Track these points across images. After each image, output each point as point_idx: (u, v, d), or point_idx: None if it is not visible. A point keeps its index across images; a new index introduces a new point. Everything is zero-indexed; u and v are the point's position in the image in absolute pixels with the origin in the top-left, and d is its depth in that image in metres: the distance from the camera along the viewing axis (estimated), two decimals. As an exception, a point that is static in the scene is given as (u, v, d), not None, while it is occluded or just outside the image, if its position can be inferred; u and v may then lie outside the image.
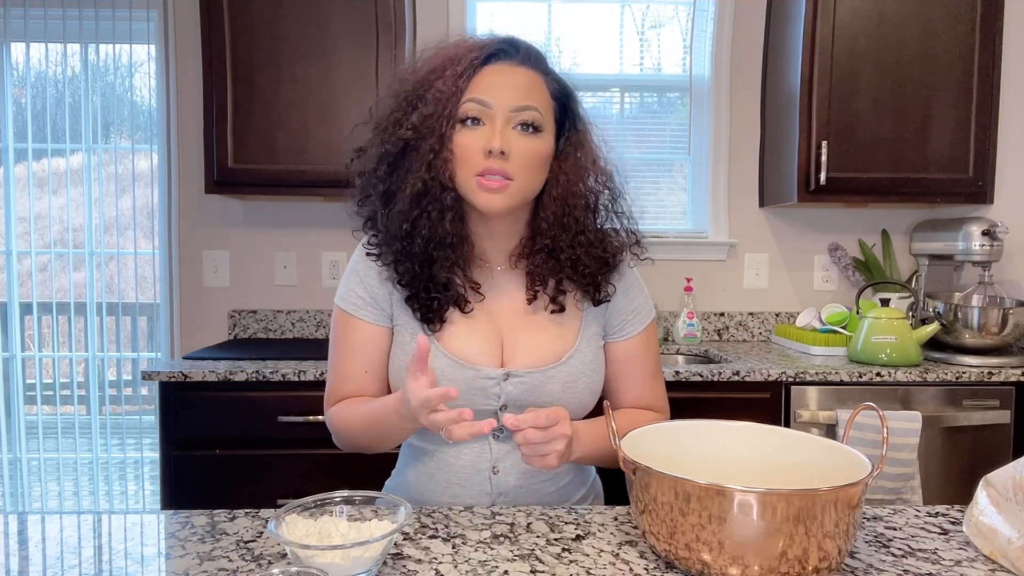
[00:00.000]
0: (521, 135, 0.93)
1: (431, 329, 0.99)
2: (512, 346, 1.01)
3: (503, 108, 0.93)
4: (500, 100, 0.93)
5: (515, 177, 0.93)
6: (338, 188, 2.11)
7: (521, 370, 0.99)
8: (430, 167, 0.93)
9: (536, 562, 0.74)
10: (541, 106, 0.95)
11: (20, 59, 2.47)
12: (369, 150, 1.00)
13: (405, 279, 0.98)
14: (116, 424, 2.52)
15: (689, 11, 2.50)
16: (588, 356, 1.03)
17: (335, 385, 1.05)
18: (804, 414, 1.86)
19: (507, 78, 0.94)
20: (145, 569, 0.73)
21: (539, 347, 1.01)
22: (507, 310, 1.03)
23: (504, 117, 0.93)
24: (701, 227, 2.54)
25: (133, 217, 2.49)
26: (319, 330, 2.45)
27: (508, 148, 0.92)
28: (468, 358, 0.98)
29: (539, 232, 0.99)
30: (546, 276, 1.01)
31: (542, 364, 0.99)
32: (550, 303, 1.01)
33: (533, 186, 0.97)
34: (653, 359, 1.09)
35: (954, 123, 2.15)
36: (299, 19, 2.08)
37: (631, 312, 1.06)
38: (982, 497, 0.78)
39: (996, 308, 1.97)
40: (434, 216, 0.94)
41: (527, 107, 0.93)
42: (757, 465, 0.85)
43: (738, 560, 0.66)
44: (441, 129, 0.93)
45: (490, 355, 1.00)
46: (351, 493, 0.77)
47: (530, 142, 0.94)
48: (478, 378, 0.98)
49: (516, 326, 1.02)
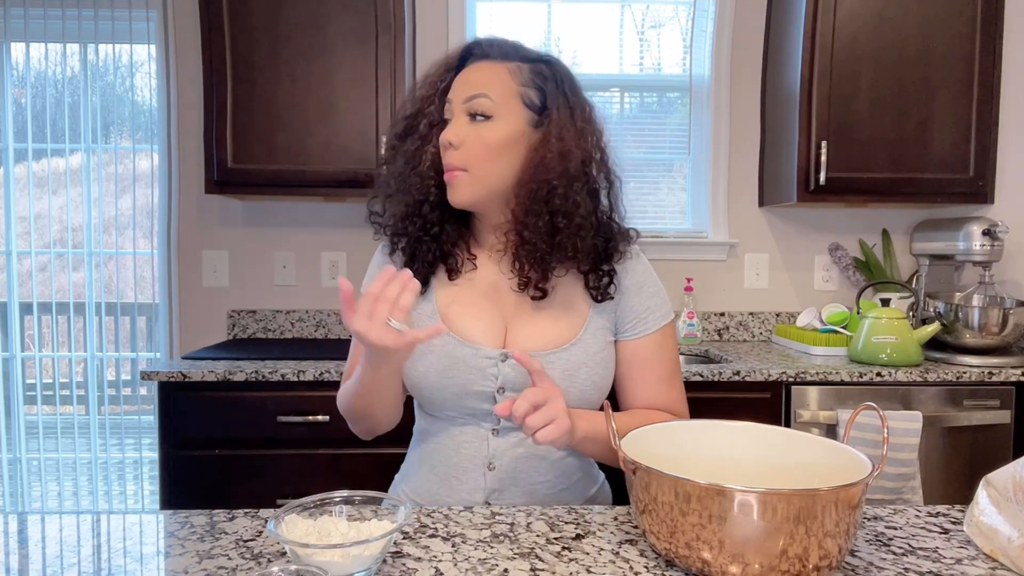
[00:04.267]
0: (471, 124, 0.96)
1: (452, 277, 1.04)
2: (515, 330, 1.02)
3: (457, 101, 0.97)
4: (456, 94, 0.98)
5: (468, 167, 0.96)
6: (338, 188, 2.13)
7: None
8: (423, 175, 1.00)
9: (536, 560, 0.74)
10: (494, 93, 0.96)
11: (20, 59, 2.47)
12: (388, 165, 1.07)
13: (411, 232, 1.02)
14: (115, 424, 2.52)
15: (689, 11, 2.50)
16: (592, 348, 1.01)
17: (349, 371, 1.08)
18: (804, 414, 1.85)
19: (468, 75, 0.99)
20: (144, 567, 0.73)
21: (542, 333, 1.01)
22: (512, 298, 1.03)
23: (459, 109, 0.97)
24: (701, 227, 2.54)
25: (133, 217, 2.49)
26: (318, 330, 2.45)
27: (458, 139, 0.95)
28: (469, 337, 1.00)
29: (514, 218, 0.98)
30: (523, 262, 0.99)
31: (542, 348, 0.99)
32: (532, 288, 1.00)
33: (496, 174, 0.97)
34: (669, 362, 1.07)
35: (954, 123, 2.15)
36: (299, 19, 2.08)
37: (644, 310, 1.05)
38: (982, 497, 0.78)
39: (996, 308, 1.97)
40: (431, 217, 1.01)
41: (475, 95, 0.96)
42: (757, 465, 0.85)
43: (738, 558, 0.66)
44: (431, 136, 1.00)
45: (492, 337, 1.01)
46: (351, 493, 0.77)
47: (479, 129, 0.96)
48: (476, 357, 0.98)
49: (521, 311, 1.03)
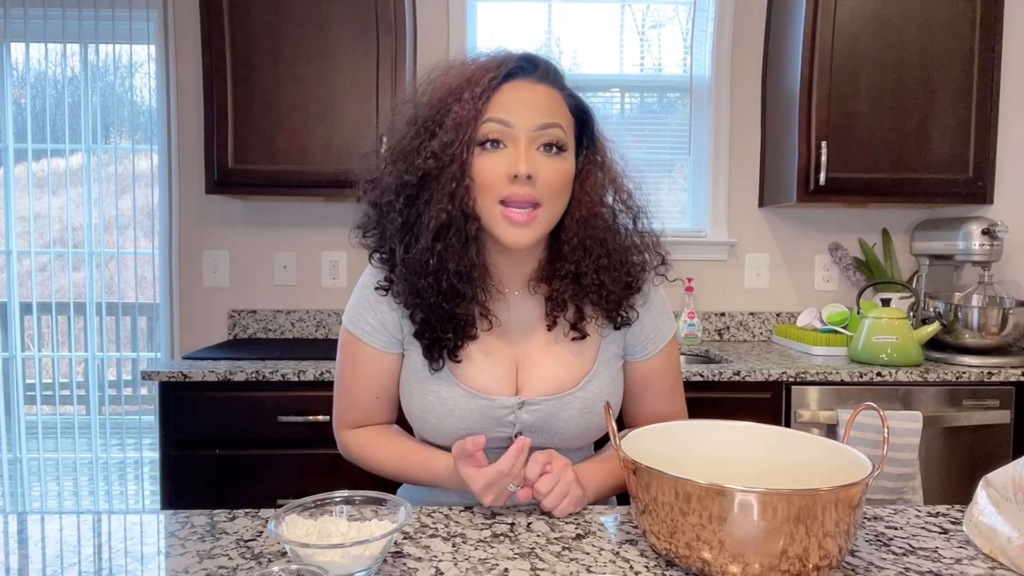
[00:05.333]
0: (546, 156, 0.87)
1: (434, 368, 0.95)
2: (528, 373, 0.97)
3: (526, 128, 0.86)
4: (522, 119, 0.86)
5: (543, 203, 0.87)
6: (338, 188, 2.13)
7: (537, 398, 0.96)
8: (452, 197, 0.86)
9: (536, 560, 0.74)
10: (564, 124, 0.89)
11: (20, 59, 2.47)
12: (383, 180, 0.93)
13: (419, 315, 0.93)
14: (116, 424, 2.52)
15: (689, 11, 2.50)
16: (605, 380, 0.99)
17: (345, 410, 1.03)
18: (805, 414, 1.85)
19: (528, 96, 0.88)
20: (145, 567, 0.73)
21: (556, 374, 0.96)
22: (523, 336, 0.98)
23: (527, 137, 0.86)
24: (701, 227, 2.54)
25: (133, 217, 2.49)
26: (319, 330, 2.45)
27: (535, 172, 0.85)
28: (482, 387, 0.95)
29: (561, 256, 0.93)
30: (567, 302, 0.95)
31: (558, 390, 0.96)
32: (571, 329, 0.96)
33: (559, 211, 0.91)
34: (673, 375, 1.05)
35: (954, 123, 2.15)
36: (299, 19, 2.08)
37: (652, 331, 1.02)
38: (982, 497, 0.78)
39: (996, 308, 1.97)
40: (458, 248, 0.88)
41: (551, 124, 0.87)
42: (757, 465, 0.85)
43: (738, 558, 0.66)
44: (462, 156, 0.86)
45: (504, 383, 0.96)
46: (351, 493, 0.77)
47: (556, 164, 0.88)
48: (492, 408, 0.95)
49: (532, 352, 0.98)
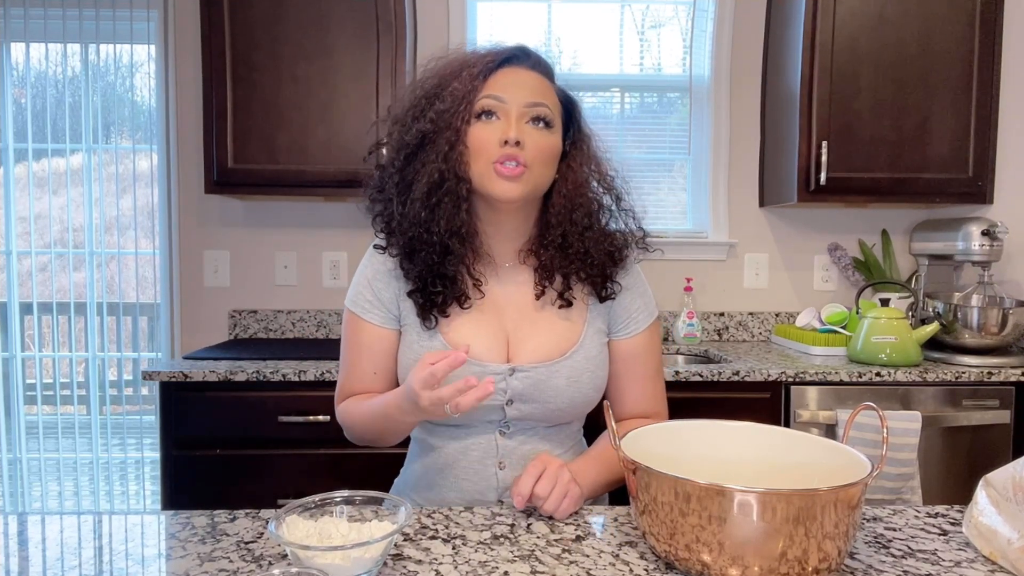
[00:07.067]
0: (534, 128, 0.97)
1: (427, 325, 1.02)
2: (518, 341, 1.03)
3: (517, 103, 0.97)
4: (514, 96, 0.97)
5: (530, 166, 0.96)
6: (338, 188, 2.13)
7: (526, 365, 1.01)
8: (446, 158, 0.96)
9: (536, 563, 0.75)
10: (551, 104, 1.00)
11: (20, 59, 2.47)
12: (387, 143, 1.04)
13: (414, 271, 1.00)
14: (116, 424, 2.52)
15: (689, 11, 2.50)
16: (592, 352, 1.05)
17: (345, 383, 1.08)
18: (804, 414, 1.86)
19: (520, 78, 0.99)
20: (145, 570, 0.73)
21: (545, 342, 1.03)
22: (513, 306, 1.05)
23: (518, 112, 0.97)
24: (701, 227, 2.54)
25: (133, 217, 2.49)
26: (319, 330, 2.45)
27: (523, 139, 0.96)
28: (474, 354, 1.00)
29: (549, 227, 1.02)
30: (554, 271, 1.03)
31: (547, 359, 1.02)
32: (558, 298, 1.04)
33: (545, 179, 1.00)
34: (655, 358, 1.11)
35: (954, 123, 2.15)
36: (299, 19, 2.07)
37: (635, 310, 1.09)
38: (982, 497, 0.78)
39: (996, 308, 1.97)
40: (449, 207, 0.97)
41: (539, 103, 0.98)
42: (757, 465, 0.85)
43: (738, 561, 0.66)
44: (457, 123, 0.96)
45: (496, 350, 1.02)
46: (351, 493, 0.77)
47: (543, 135, 0.98)
48: (484, 374, 0.99)
49: (522, 321, 1.04)
